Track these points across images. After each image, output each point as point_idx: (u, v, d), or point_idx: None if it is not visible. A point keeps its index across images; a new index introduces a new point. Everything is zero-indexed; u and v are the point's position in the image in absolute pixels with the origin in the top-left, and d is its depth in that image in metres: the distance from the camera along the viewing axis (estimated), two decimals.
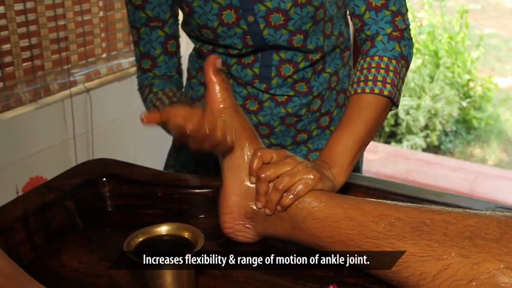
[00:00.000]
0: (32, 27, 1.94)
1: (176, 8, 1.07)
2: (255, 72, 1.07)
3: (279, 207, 0.81)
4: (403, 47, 0.97)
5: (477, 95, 4.00)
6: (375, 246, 0.73)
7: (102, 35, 2.21)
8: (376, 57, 0.95)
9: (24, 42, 1.92)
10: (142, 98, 1.10)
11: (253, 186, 0.83)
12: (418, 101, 3.81)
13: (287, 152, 0.85)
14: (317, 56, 1.07)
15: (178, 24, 1.09)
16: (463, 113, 3.93)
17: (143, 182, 0.99)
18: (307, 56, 1.06)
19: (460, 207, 0.83)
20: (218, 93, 0.83)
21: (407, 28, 0.99)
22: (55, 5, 2.00)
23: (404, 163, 3.36)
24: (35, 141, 1.96)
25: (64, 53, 2.06)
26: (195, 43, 1.11)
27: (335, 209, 0.78)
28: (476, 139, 3.89)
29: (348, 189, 0.93)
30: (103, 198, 0.98)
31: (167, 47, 1.07)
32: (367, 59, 0.96)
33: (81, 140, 2.11)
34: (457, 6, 4.34)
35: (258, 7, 0.99)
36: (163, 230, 0.74)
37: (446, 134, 3.85)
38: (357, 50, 1.01)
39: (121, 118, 2.25)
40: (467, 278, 0.66)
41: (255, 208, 0.83)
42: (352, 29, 1.15)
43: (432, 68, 3.99)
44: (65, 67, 2.06)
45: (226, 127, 0.82)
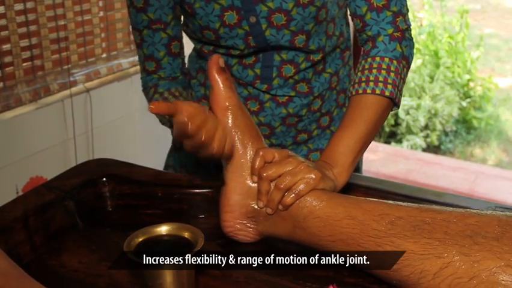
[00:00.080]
0: (32, 27, 1.94)
1: (178, 10, 1.06)
2: (256, 72, 1.07)
3: (280, 206, 0.81)
4: (404, 48, 0.97)
5: (477, 95, 4.00)
6: (376, 245, 0.73)
7: (102, 35, 2.21)
8: (377, 58, 0.95)
9: (24, 42, 1.92)
10: (147, 99, 1.10)
11: (255, 185, 0.83)
12: (418, 101, 3.81)
13: (289, 151, 0.85)
14: (319, 56, 1.07)
15: (180, 25, 1.09)
16: (463, 113, 3.93)
17: (143, 182, 0.99)
18: (308, 57, 1.06)
19: (460, 207, 0.83)
20: (223, 92, 0.83)
21: (408, 28, 0.99)
22: (55, 5, 2.00)
23: (404, 163, 3.36)
24: (35, 141, 1.96)
25: (64, 53, 2.06)
26: (195, 44, 1.11)
27: (336, 208, 0.78)
28: (476, 139, 3.89)
29: (348, 189, 0.93)
30: (103, 198, 0.98)
31: (171, 48, 1.07)
32: (368, 60, 0.96)
33: (81, 140, 2.11)
34: (457, 6, 4.34)
35: (260, 8, 0.99)
36: (163, 230, 0.74)
37: (446, 134, 3.85)
38: (357, 50, 1.01)
39: (121, 118, 2.25)
40: (467, 275, 0.67)
41: (257, 207, 0.83)
42: (352, 28, 1.15)
43: (432, 68, 3.99)
44: (65, 67, 2.06)
45: (224, 138, 0.81)
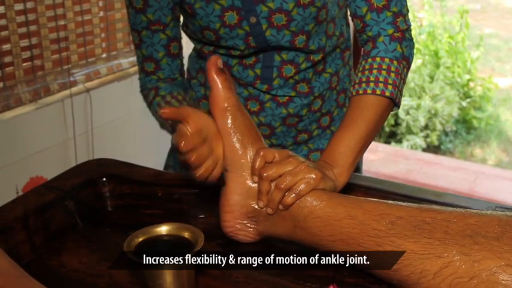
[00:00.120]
0: (32, 27, 1.94)
1: (178, 11, 1.06)
2: (256, 73, 1.07)
3: (281, 206, 0.81)
4: (404, 48, 0.97)
5: (477, 95, 4.00)
6: (377, 245, 0.73)
7: (102, 35, 2.21)
8: (378, 58, 0.95)
9: (24, 42, 1.92)
10: (146, 101, 1.10)
11: (255, 185, 0.83)
12: (418, 101, 3.81)
13: (289, 151, 0.85)
14: (319, 56, 1.07)
15: (179, 26, 1.08)
16: (463, 113, 3.93)
17: (143, 182, 0.99)
18: (309, 57, 1.06)
19: (460, 207, 0.83)
20: (221, 93, 0.83)
21: (408, 29, 0.99)
22: (55, 5, 2.00)
23: (404, 163, 3.36)
24: (35, 141, 1.96)
25: (64, 53, 2.06)
26: (195, 44, 1.11)
27: (336, 208, 0.78)
28: (476, 139, 3.89)
29: (348, 189, 0.93)
30: (103, 198, 0.98)
31: (170, 49, 1.06)
32: (369, 60, 0.96)
33: (81, 140, 2.11)
34: (457, 6, 4.34)
35: (261, 8, 0.99)
36: (163, 230, 0.74)
37: (446, 134, 3.85)
38: (358, 50, 1.01)
39: (121, 118, 2.25)
40: (467, 275, 0.67)
41: (257, 207, 0.83)
42: (352, 29, 1.15)
43: (432, 68, 3.99)
44: (65, 67, 2.06)
45: (212, 168, 0.82)
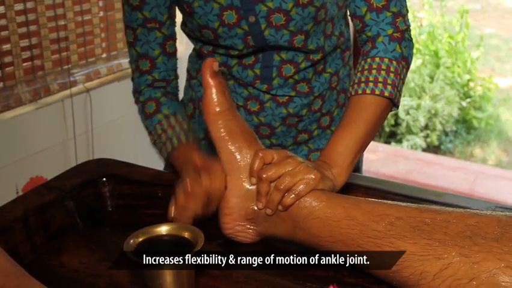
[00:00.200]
0: (32, 27, 1.94)
1: (174, 10, 1.06)
2: (256, 73, 1.07)
3: (280, 207, 0.81)
4: (404, 48, 0.97)
5: (477, 95, 4.00)
6: (376, 246, 0.73)
7: (102, 35, 2.21)
8: (377, 59, 0.95)
9: (24, 42, 1.92)
10: (142, 110, 1.06)
11: (253, 187, 0.83)
12: (418, 101, 3.81)
13: (288, 152, 0.85)
14: (318, 56, 1.07)
15: (175, 25, 1.08)
16: (463, 113, 3.93)
17: (143, 182, 0.99)
18: (308, 56, 1.06)
19: (460, 207, 0.83)
20: (214, 97, 0.83)
21: (408, 29, 0.99)
22: (55, 5, 2.00)
23: (404, 163, 3.36)
24: (35, 141, 1.96)
25: (64, 53, 2.06)
26: (194, 44, 1.11)
27: (336, 209, 0.78)
28: (476, 139, 3.89)
29: (348, 189, 0.93)
30: (103, 198, 0.98)
31: (166, 48, 1.06)
32: (368, 60, 0.96)
33: (81, 140, 2.11)
34: (457, 6, 4.34)
35: (259, 7, 0.99)
36: (163, 230, 0.74)
37: (446, 134, 3.85)
38: (358, 50, 1.01)
39: (121, 118, 2.25)
40: (467, 277, 0.66)
41: (256, 209, 0.83)
42: (352, 29, 1.15)
43: (432, 68, 3.99)
44: (65, 67, 2.06)
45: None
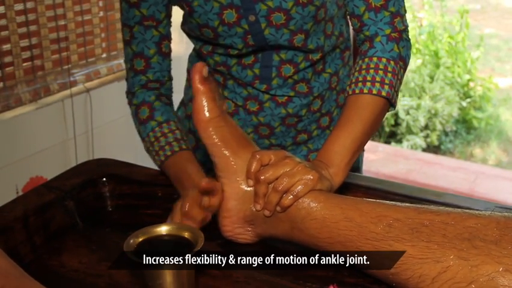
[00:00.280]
0: (32, 27, 1.94)
1: (171, 8, 1.06)
2: (255, 73, 1.07)
3: (278, 208, 0.81)
4: (401, 48, 0.97)
5: (477, 95, 4.00)
6: (374, 248, 0.73)
7: (102, 35, 2.21)
8: (375, 58, 0.95)
9: (24, 42, 1.92)
10: (135, 114, 1.04)
11: (251, 189, 0.83)
12: (418, 101, 3.81)
13: (286, 152, 0.85)
14: (317, 56, 1.07)
15: (171, 25, 1.08)
16: (463, 113, 3.93)
17: (143, 182, 0.99)
18: (307, 56, 1.06)
19: (460, 207, 0.83)
20: (204, 104, 0.82)
21: (406, 29, 0.99)
22: (55, 5, 2.00)
23: (404, 163, 3.36)
24: (35, 141, 1.96)
25: (64, 53, 2.06)
26: (194, 43, 1.11)
27: (334, 210, 0.78)
28: (476, 139, 3.89)
29: (348, 189, 0.93)
30: (103, 198, 0.98)
31: (162, 47, 1.05)
32: (365, 60, 0.96)
33: (81, 140, 2.11)
34: (457, 6, 4.34)
35: (260, 6, 0.99)
36: (163, 230, 0.74)
37: (446, 134, 3.85)
38: (358, 50, 1.01)
39: (121, 118, 2.25)
40: (466, 280, 0.66)
41: (254, 210, 0.83)
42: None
43: (432, 68, 3.99)
44: (65, 67, 2.06)
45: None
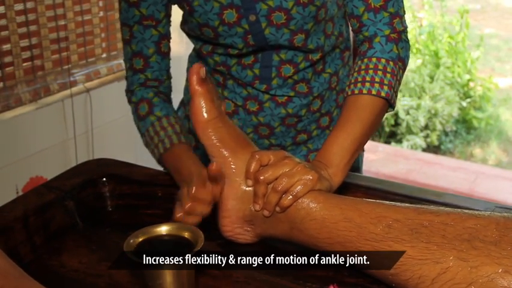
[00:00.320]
0: (32, 27, 1.94)
1: (171, 8, 1.06)
2: (255, 73, 1.07)
3: (278, 208, 0.81)
4: (400, 49, 0.97)
5: (477, 95, 4.00)
6: (373, 249, 0.73)
7: (102, 35, 2.21)
8: (374, 59, 0.95)
9: (24, 42, 1.92)
10: (135, 111, 1.05)
11: (250, 189, 0.83)
12: (418, 101, 3.81)
13: (285, 153, 0.84)
14: (317, 56, 1.07)
15: (170, 25, 1.08)
16: (463, 113, 3.93)
17: (143, 182, 0.99)
18: (307, 56, 1.06)
19: (460, 207, 0.83)
20: (202, 105, 0.82)
21: (405, 30, 0.99)
22: (55, 5, 2.00)
23: (404, 163, 3.36)
24: (35, 141, 1.96)
25: (64, 53, 2.06)
26: (194, 43, 1.11)
27: (333, 210, 0.78)
28: (476, 139, 3.89)
29: (348, 189, 0.93)
30: (103, 198, 0.98)
31: (161, 47, 1.06)
32: (365, 60, 0.96)
33: (81, 140, 2.11)
34: (457, 6, 4.34)
35: (260, 6, 0.99)
36: (163, 230, 0.74)
37: (446, 134, 3.85)
38: (357, 50, 1.01)
39: (121, 118, 2.25)
40: (465, 281, 0.66)
41: (254, 211, 0.83)
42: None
43: (432, 68, 3.99)
44: (65, 67, 2.07)
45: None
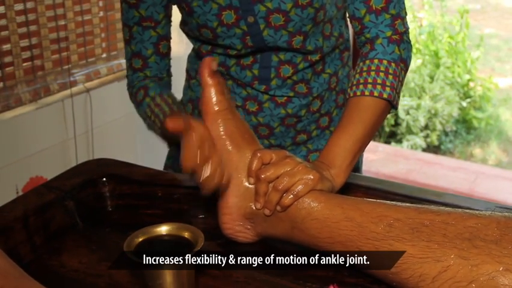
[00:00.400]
0: (32, 27, 1.94)
1: (171, 9, 1.06)
2: (254, 73, 1.07)
3: (278, 207, 0.81)
4: (402, 50, 0.97)
5: (477, 95, 4.00)
6: (374, 248, 0.73)
7: (102, 35, 2.21)
8: (376, 60, 0.95)
9: (24, 42, 1.92)
10: (134, 100, 1.09)
11: (252, 187, 0.83)
12: (418, 101, 3.81)
13: (287, 152, 0.85)
14: (316, 56, 1.07)
15: (170, 25, 1.08)
16: (463, 113, 3.94)
17: (143, 182, 0.99)
18: (306, 57, 1.06)
19: (460, 207, 0.83)
20: (213, 96, 0.83)
21: (406, 31, 1.00)
22: (55, 5, 2.00)
23: (404, 163, 3.36)
24: (35, 141, 1.96)
25: (64, 53, 2.06)
26: (193, 43, 1.11)
27: (334, 210, 0.78)
28: (476, 139, 3.89)
29: (348, 190, 0.93)
30: (103, 198, 0.98)
31: (159, 48, 1.06)
32: (367, 62, 0.96)
33: (81, 140, 2.11)
34: (457, 6, 4.34)
35: (258, 8, 0.99)
36: (163, 230, 0.74)
37: (446, 134, 3.85)
38: (357, 51, 1.01)
39: (121, 118, 2.25)
40: (466, 279, 0.66)
41: (254, 209, 0.83)
42: (351, 29, 1.15)
43: (432, 68, 3.99)
44: (65, 67, 2.07)
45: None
